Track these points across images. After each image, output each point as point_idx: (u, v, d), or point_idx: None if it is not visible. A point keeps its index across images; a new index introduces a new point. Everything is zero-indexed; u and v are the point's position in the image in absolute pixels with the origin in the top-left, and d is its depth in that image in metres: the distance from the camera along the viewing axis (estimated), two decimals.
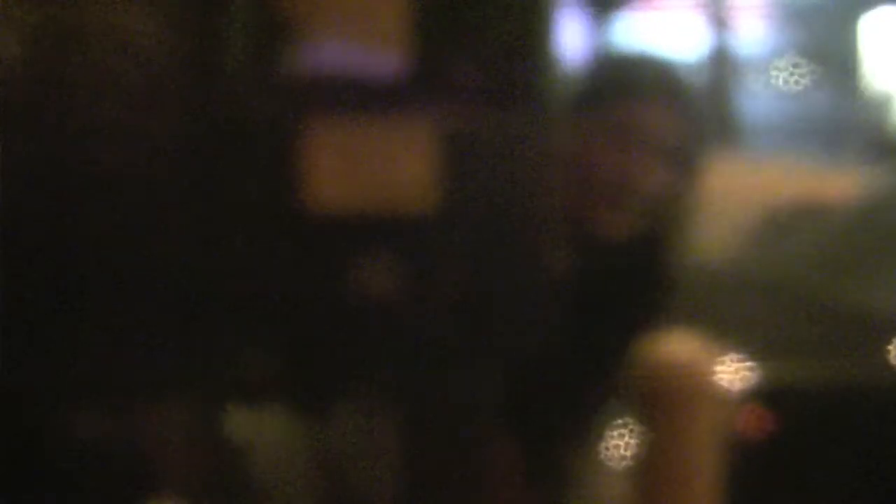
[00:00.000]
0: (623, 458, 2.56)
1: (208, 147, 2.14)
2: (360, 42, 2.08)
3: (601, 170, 2.57)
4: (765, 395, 3.48)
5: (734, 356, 3.30)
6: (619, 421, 2.64)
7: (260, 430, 2.74)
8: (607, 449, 2.84)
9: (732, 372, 3.13)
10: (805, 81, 20.52)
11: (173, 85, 2.15)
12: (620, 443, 2.71)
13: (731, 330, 3.36)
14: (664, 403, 2.34)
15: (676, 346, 2.39)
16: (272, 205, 2.12)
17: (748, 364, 3.41)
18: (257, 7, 2.05)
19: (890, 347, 3.55)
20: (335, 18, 2.04)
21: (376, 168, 2.09)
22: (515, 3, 2.04)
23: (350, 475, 2.62)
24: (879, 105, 21.05)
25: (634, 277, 2.57)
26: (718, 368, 2.59)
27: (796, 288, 4.46)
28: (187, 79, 2.13)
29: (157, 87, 2.15)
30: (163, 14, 2.19)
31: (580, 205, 2.44)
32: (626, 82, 2.74)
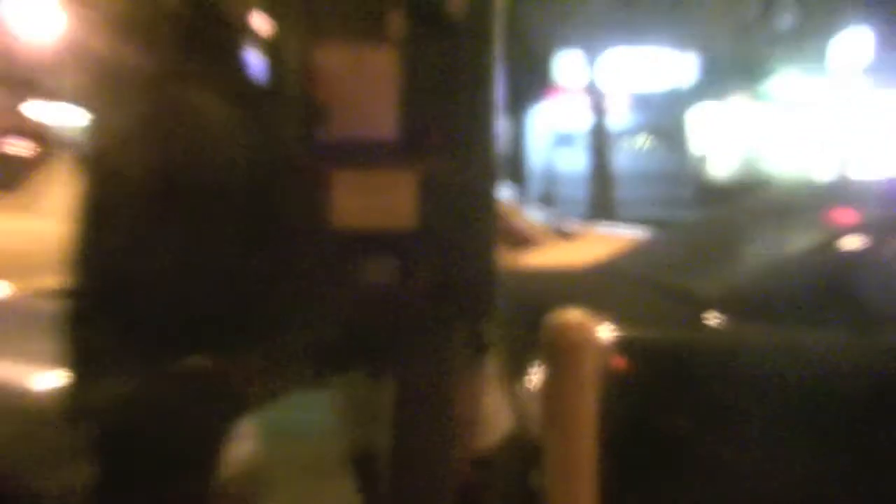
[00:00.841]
0: (537, 385, 3.45)
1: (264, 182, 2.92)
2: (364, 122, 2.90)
3: None
4: (622, 346, 4.49)
5: (607, 323, 4.36)
6: (537, 363, 3.54)
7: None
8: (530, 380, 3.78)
9: (606, 333, 4.22)
10: (651, 146, 28.95)
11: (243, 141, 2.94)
12: (536, 377, 3.62)
13: (606, 307, 4.42)
14: (566, 352, 3.23)
15: (574, 317, 3.30)
16: (304, 222, 2.91)
17: (614, 328, 4.53)
18: (299, 96, 2.85)
19: (705, 315, 4.72)
20: (351, 107, 2.84)
21: (377, 201, 2.90)
22: (463, 104, 2.84)
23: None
24: (700, 162, 29.45)
25: None
26: (598, 330, 3.58)
27: (647, 280, 5.52)
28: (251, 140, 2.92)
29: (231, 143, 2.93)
30: (234, 97, 2.96)
31: None
32: None
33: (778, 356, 4.61)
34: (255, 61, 2.92)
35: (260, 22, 2.92)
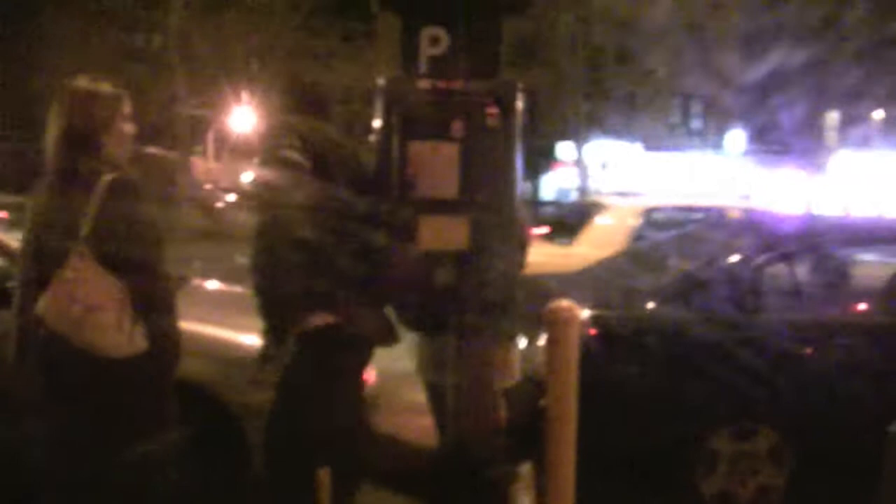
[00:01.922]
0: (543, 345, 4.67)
1: None
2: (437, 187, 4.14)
3: None
4: (594, 320, 5.89)
5: (586, 305, 5.67)
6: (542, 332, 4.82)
7: None
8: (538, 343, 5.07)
9: (584, 313, 5.56)
10: None
11: None
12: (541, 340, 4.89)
13: (585, 298, 5.74)
14: (560, 325, 4.44)
15: (565, 304, 4.46)
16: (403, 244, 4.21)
17: (588, 308, 5.86)
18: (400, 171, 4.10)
19: (649, 302, 6.12)
20: (430, 178, 4.08)
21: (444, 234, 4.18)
22: (499, 176, 4.11)
23: None
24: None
25: None
26: (579, 310, 4.67)
27: (610, 281, 6.95)
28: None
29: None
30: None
31: None
32: None
33: (690, 328, 5.96)
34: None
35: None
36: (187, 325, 4.24)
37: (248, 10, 39.98)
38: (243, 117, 46.19)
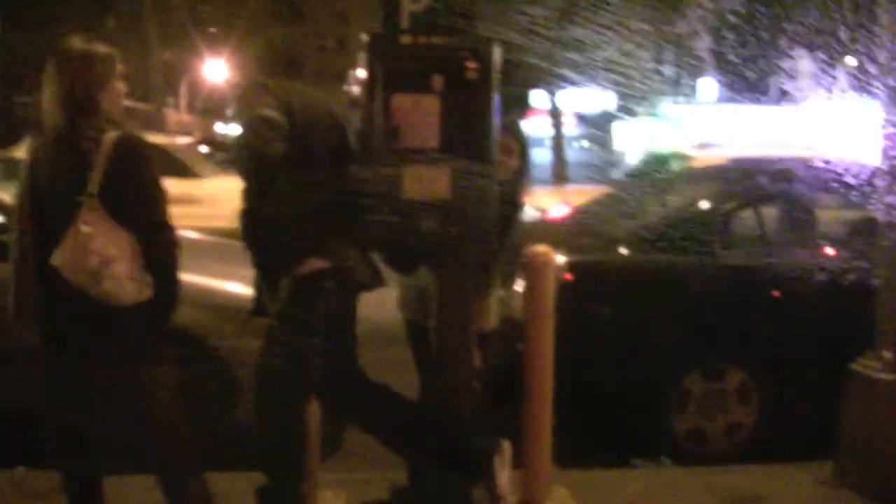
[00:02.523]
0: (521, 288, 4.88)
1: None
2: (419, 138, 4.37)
3: None
4: (570, 266, 6.09)
5: (562, 253, 5.71)
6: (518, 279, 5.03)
7: None
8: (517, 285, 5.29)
9: (559, 258, 5.56)
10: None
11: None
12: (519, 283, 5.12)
13: (562, 243, 5.86)
14: (537, 269, 4.67)
15: (542, 249, 4.69)
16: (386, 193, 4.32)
17: (566, 256, 6.03)
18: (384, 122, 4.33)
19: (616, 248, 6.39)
20: (413, 130, 4.24)
21: (427, 184, 4.36)
22: (476, 127, 4.30)
23: None
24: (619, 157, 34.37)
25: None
26: (555, 255, 4.89)
27: (585, 228, 7.16)
28: None
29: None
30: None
31: None
32: None
33: (660, 272, 6.32)
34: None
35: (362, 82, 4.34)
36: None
37: None
38: (215, 69, 46.04)
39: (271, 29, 42.49)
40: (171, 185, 4.32)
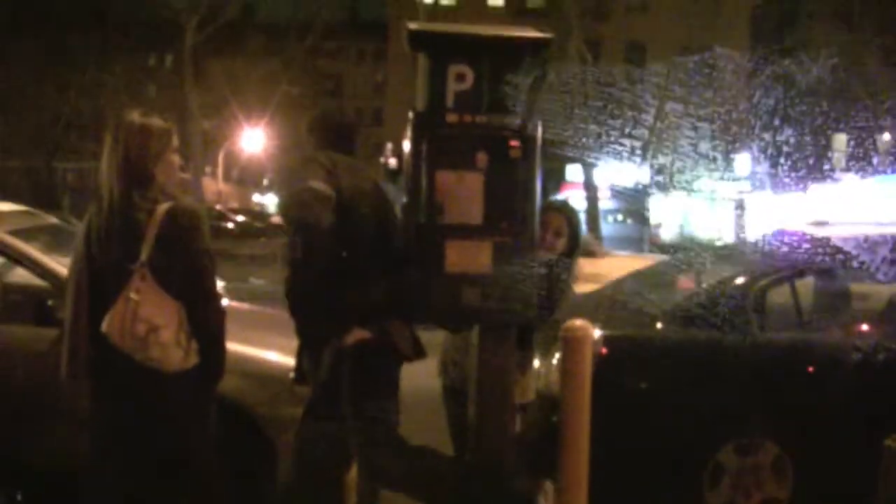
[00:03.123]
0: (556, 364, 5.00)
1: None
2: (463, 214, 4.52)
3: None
4: (605, 341, 6.12)
5: (597, 326, 5.82)
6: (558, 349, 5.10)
7: None
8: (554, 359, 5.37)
9: (596, 332, 5.73)
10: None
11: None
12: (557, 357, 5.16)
13: (597, 317, 6.01)
14: (574, 343, 4.73)
15: (580, 323, 4.75)
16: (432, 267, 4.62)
17: (600, 329, 6.06)
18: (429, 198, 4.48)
19: (655, 323, 6.42)
20: (457, 205, 4.36)
21: (470, 257, 4.48)
22: (518, 203, 4.45)
23: None
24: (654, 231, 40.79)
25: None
26: (592, 331, 5.02)
27: (621, 301, 7.24)
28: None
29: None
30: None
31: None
32: None
33: (692, 349, 6.32)
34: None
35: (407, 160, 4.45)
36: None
37: (261, 30, 40.40)
38: (253, 139, 46.61)
39: (308, 99, 43.06)
40: None
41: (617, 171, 42.33)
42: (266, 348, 5.82)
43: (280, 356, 5.33)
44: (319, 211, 4.28)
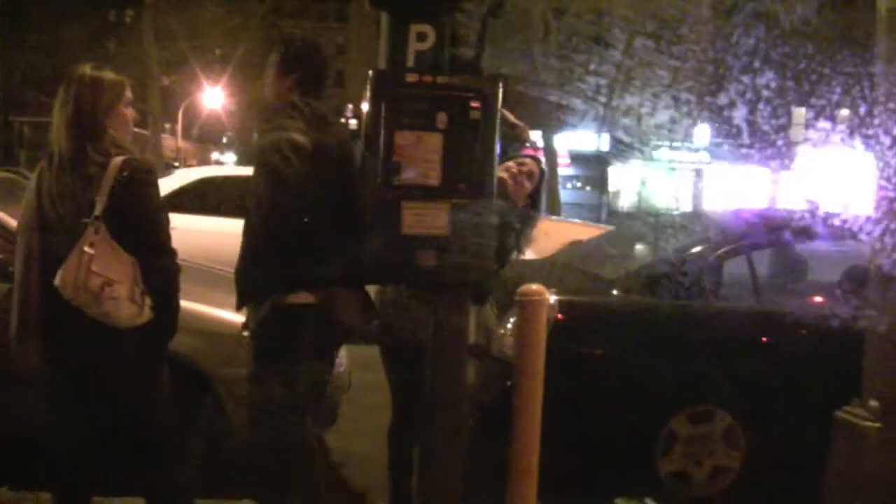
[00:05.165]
0: (511, 329, 4.96)
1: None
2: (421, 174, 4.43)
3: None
4: (561, 306, 6.13)
5: (553, 291, 5.85)
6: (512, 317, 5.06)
7: None
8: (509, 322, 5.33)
9: (552, 297, 5.79)
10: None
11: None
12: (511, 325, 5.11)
13: (553, 283, 6.03)
14: (530, 307, 4.67)
15: (536, 287, 4.70)
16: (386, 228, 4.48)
17: (555, 295, 6.05)
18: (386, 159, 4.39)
19: (610, 289, 6.50)
20: (414, 166, 4.25)
21: (426, 219, 4.46)
22: (476, 164, 4.33)
23: None
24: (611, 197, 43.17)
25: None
26: (548, 294, 5.03)
27: (577, 267, 7.22)
28: None
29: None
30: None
31: None
32: None
33: (648, 316, 6.35)
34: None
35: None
36: None
37: None
38: (213, 97, 46.19)
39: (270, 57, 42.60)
40: None
41: (577, 139, 42.05)
42: (219, 306, 5.75)
43: (233, 314, 5.23)
44: (298, 166, 4.20)
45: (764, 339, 6.37)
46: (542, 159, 5.45)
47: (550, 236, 7.56)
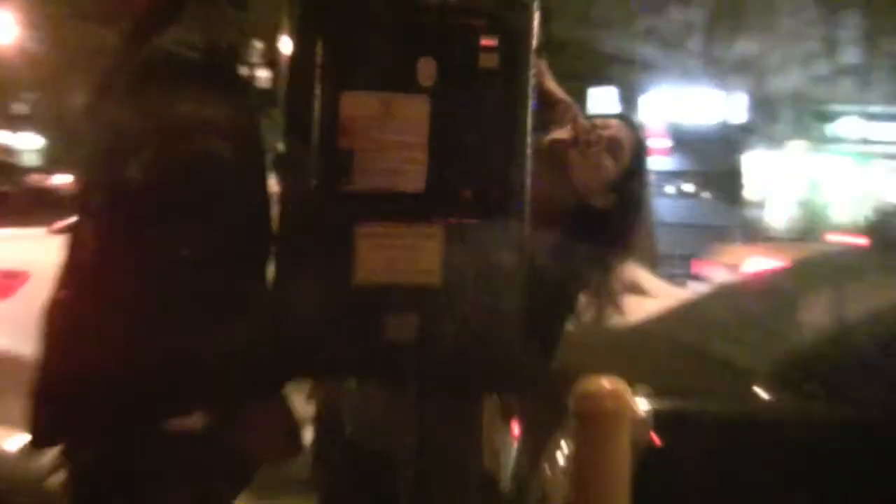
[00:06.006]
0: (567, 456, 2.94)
1: None
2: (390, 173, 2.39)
3: None
4: (658, 418, 3.46)
5: (642, 393, 3.35)
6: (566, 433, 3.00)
7: None
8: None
9: (642, 403, 3.33)
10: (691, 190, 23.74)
11: None
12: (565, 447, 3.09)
13: (641, 375, 3.55)
14: (598, 422, 2.75)
15: (607, 384, 2.84)
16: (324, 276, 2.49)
17: (650, 398, 3.42)
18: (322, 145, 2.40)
19: (755, 388, 3.81)
20: (377, 158, 2.39)
21: (400, 256, 2.44)
22: (496, 157, 2.41)
23: None
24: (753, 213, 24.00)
25: None
26: (634, 400, 2.92)
27: (687, 345, 4.73)
28: None
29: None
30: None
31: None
32: None
33: (840, 437, 3.71)
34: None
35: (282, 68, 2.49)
36: None
37: None
38: None
39: None
40: None
41: (678, 101, 25.21)
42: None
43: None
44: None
45: None
46: (641, 122, 3.13)
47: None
